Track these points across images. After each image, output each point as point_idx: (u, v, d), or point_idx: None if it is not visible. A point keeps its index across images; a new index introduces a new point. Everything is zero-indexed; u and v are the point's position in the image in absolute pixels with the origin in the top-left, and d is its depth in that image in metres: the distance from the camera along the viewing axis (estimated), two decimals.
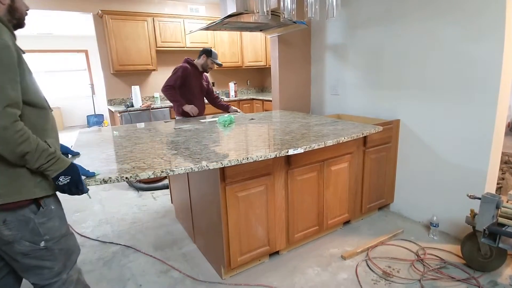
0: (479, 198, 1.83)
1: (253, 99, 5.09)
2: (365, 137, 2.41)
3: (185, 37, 4.58)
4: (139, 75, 4.65)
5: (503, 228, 1.75)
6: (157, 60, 4.54)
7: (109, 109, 4.52)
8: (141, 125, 2.73)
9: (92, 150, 1.81)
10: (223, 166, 1.57)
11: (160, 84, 4.83)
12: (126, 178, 1.35)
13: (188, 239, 2.48)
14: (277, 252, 2.19)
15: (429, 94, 2.39)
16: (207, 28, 2.74)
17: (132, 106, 4.18)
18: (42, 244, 1.17)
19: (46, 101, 1.23)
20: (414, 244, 2.29)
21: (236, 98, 5.04)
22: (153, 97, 4.66)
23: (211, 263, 2.13)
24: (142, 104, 4.29)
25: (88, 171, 1.31)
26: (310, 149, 1.82)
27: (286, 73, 3.36)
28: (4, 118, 0.99)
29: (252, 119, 2.82)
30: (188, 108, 3.01)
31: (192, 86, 3.07)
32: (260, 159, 1.65)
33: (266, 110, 4.49)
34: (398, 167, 2.72)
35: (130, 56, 4.26)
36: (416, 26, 2.39)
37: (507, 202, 2.15)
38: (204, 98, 3.32)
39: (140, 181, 3.61)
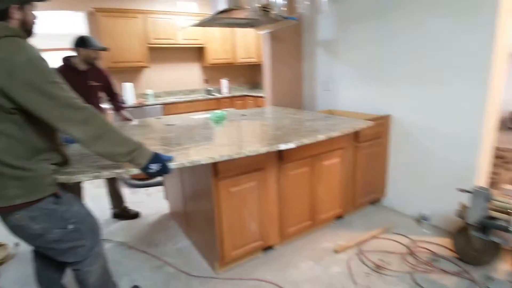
0: (469, 192, 1.85)
1: (246, 95, 5.08)
2: (356, 132, 2.42)
3: (177, 33, 4.55)
4: (131, 72, 4.61)
5: (495, 222, 1.78)
6: (150, 57, 4.50)
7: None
8: (135, 121, 2.70)
9: (71, 147, 1.78)
10: (215, 161, 1.56)
11: (152, 81, 4.82)
12: (117, 173, 1.34)
13: (182, 235, 2.48)
14: (270, 247, 2.20)
15: (420, 89, 2.41)
16: (198, 25, 2.72)
17: (125, 103, 4.14)
18: (71, 226, 1.29)
19: None
20: (406, 237, 2.32)
21: (229, 95, 5.03)
22: (146, 94, 4.63)
23: (205, 258, 2.13)
24: (135, 101, 4.26)
25: (166, 155, 1.42)
26: (302, 144, 1.83)
27: (278, 69, 3.36)
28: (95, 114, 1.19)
29: (243, 115, 2.82)
30: None
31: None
32: (252, 154, 1.65)
33: (259, 107, 4.49)
34: (390, 162, 2.74)
35: (123, 53, 4.22)
36: (407, 21, 2.40)
37: (501, 196, 2.19)
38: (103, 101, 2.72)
39: (134, 178, 3.58)
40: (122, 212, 2.83)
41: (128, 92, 4.25)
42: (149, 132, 2.25)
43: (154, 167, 1.30)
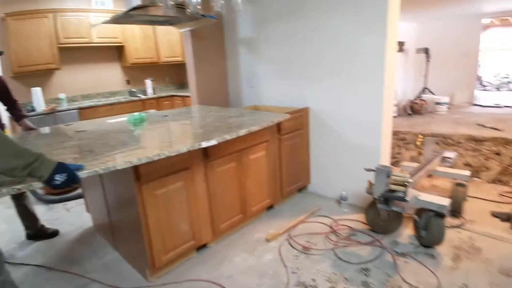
0: (373, 170, 2.11)
1: (172, 95, 4.94)
2: (279, 125, 2.56)
3: (91, 32, 4.19)
4: (40, 76, 4.10)
5: (394, 194, 2.06)
6: (61, 58, 4.06)
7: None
8: (40, 131, 2.41)
9: None
10: (133, 165, 1.50)
11: (65, 84, 4.36)
12: (18, 189, 1.19)
13: (108, 247, 2.32)
14: (204, 245, 2.20)
15: (332, 83, 2.66)
16: (111, 21, 2.56)
17: (34, 110, 3.69)
18: None
19: None
20: (329, 218, 2.55)
21: (154, 96, 4.83)
22: (58, 98, 4.16)
23: (135, 268, 2.03)
24: (46, 107, 3.81)
25: (74, 164, 1.32)
26: (223, 140, 1.87)
27: (202, 68, 3.35)
28: None
29: (165, 116, 2.75)
30: None
31: None
32: (173, 155, 1.63)
33: (186, 107, 4.42)
34: (311, 151, 2.97)
35: (30, 56, 3.78)
36: (317, 21, 2.63)
37: (400, 171, 2.53)
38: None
39: (48, 193, 3.21)
40: (38, 232, 2.52)
41: (37, 98, 3.78)
42: (58, 141, 2.04)
43: (60, 178, 1.20)
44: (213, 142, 1.79)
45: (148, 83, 4.85)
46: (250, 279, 1.89)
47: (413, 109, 5.30)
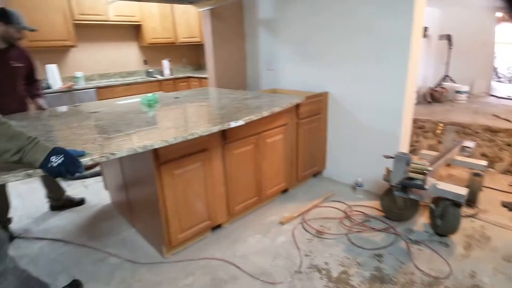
0: (392, 157, 2.07)
1: (189, 77, 4.92)
2: (297, 109, 2.53)
3: (107, 9, 4.16)
4: (55, 53, 4.12)
5: (413, 181, 2.03)
6: (77, 35, 4.06)
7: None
8: (46, 112, 2.36)
9: None
10: (169, 144, 1.52)
11: (82, 62, 4.39)
12: None
13: (125, 224, 2.39)
14: (219, 226, 2.24)
15: (353, 68, 2.58)
16: None
17: (49, 87, 3.73)
18: None
19: None
20: (343, 203, 2.54)
21: (171, 77, 4.82)
22: (75, 77, 4.21)
23: (151, 244, 2.09)
24: (63, 85, 3.86)
25: (75, 150, 1.20)
26: (250, 120, 1.87)
27: (221, 49, 3.31)
28: None
29: (176, 97, 2.74)
30: None
31: None
32: (204, 134, 1.66)
33: (196, 88, 4.41)
34: (328, 136, 2.93)
35: (41, 30, 3.68)
36: (338, 3, 2.52)
37: (419, 159, 2.48)
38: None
39: None
40: (65, 202, 2.63)
41: (52, 75, 3.81)
42: (77, 121, 2.07)
43: (55, 159, 1.09)
44: (240, 123, 1.80)
45: (165, 63, 4.84)
46: (264, 259, 1.93)
47: (433, 96, 5.13)
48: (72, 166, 1.12)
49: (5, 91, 2.18)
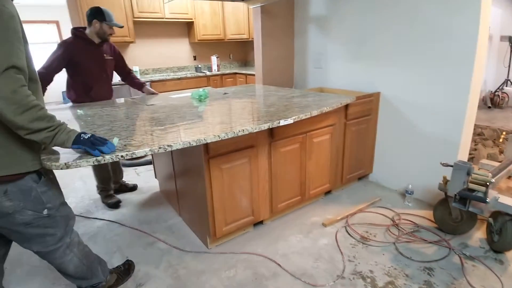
0: (452, 166, 1.93)
1: (236, 73, 5.01)
2: (346, 110, 2.45)
3: (163, 7, 4.38)
4: None
5: (473, 193, 1.87)
6: (135, 31, 4.34)
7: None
8: (106, 102, 2.53)
9: None
10: (227, 137, 1.58)
11: (138, 57, 4.68)
12: (122, 156, 1.29)
13: (173, 212, 2.52)
14: (261, 222, 2.27)
15: (408, 67, 2.43)
16: None
17: None
18: (45, 212, 1.21)
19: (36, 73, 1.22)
20: (390, 210, 2.42)
21: (218, 72, 4.95)
22: (133, 71, 4.48)
23: (196, 234, 2.18)
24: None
25: (108, 141, 1.27)
26: (299, 119, 1.86)
27: (269, 46, 3.31)
28: (13, 82, 0.97)
29: (225, 93, 2.79)
30: None
31: (85, 66, 2.36)
32: (255, 131, 1.68)
33: (243, 85, 4.46)
34: (378, 139, 2.80)
35: None
36: (399, 3, 2.39)
37: (478, 170, 2.29)
38: (113, 77, 2.68)
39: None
40: (120, 187, 2.87)
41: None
42: (136, 112, 2.22)
43: (85, 136, 1.17)
44: (290, 121, 1.80)
45: (214, 59, 4.97)
46: (305, 260, 1.91)
47: (493, 101, 4.69)
48: (99, 141, 1.21)
49: (100, 81, 2.47)
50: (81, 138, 1.17)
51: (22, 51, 1.03)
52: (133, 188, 2.95)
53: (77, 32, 2.36)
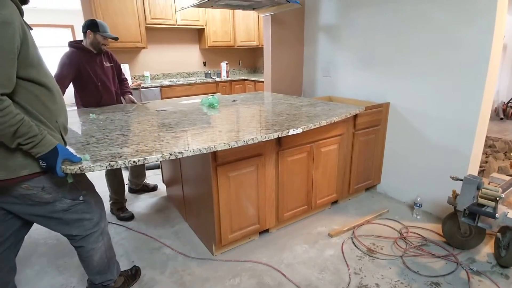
0: (462, 180, 1.90)
1: (245, 79, 5.05)
2: (355, 120, 2.45)
3: (175, 14, 4.46)
4: (128, 53, 4.53)
5: (483, 208, 1.84)
6: (147, 37, 4.42)
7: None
8: (116, 107, 2.59)
9: (74, 133, 1.78)
10: (237, 146, 1.60)
11: (149, 62, 4.76)
12: (134, 162, 1.31)
13: (179, 217, 2.53)
14: (266, 230, 2.26)
15: (419, 77, 2.42)
16: (198, 5, 2.67)
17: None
18: (81, 197, 1.35)
19: (53, 78, 1.27)
20: (398, 223, 2.39)
21: (228, 79, 4.99)
22: (143, 76, 4.57)
23: (202, 240, 2.19)
24: (132, 83, 4.22)
25: (75, 156, 1.24)
26: (308, 129, 1.88)
27: (279, 54, 3.33)
28: None
29: (234, 100, 2.81)
30: None
31: (90, 75, 2.40)
32: (265, 140, 1.71)
33: (252, 92, 4.48)
34: (386, 149, 2.78)
35: (118, 32, 4.11)
36: (408, 9, 2.39)
37: (489, 184, 2.25)
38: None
39: None
40: (142, 187, 3.01)
41: (125, 74, 4.19)
42: (147, 118, 2.25)
43: (41, 163, 1.16)
44: (299, 131, 1.81)
45: (223, 65, 5.02)
46: (310, 271, 1.90)
47: (505, 113, 4.61)
48: (51, 173, 1.18)
49: (105, 87, 2.54)
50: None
51: (7, 60, 1.00)
52: (154, 188, 3.07)
53: (74, 44, 2.41)
